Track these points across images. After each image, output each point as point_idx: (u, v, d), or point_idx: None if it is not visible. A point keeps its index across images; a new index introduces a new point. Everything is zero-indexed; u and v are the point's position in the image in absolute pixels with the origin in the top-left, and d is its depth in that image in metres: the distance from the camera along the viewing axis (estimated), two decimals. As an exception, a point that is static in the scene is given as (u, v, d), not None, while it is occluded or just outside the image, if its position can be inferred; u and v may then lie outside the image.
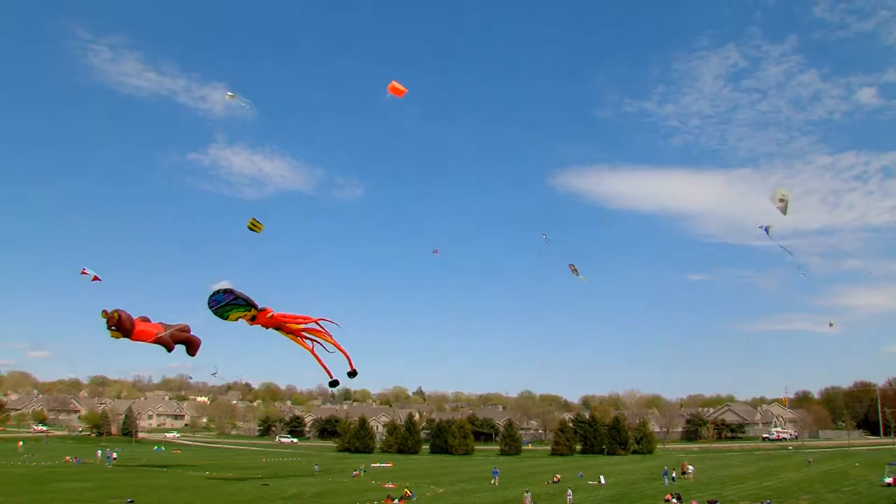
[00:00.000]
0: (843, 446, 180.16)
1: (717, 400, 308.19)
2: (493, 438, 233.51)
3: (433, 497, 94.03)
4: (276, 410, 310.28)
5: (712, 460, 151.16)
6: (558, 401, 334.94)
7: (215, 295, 42.93)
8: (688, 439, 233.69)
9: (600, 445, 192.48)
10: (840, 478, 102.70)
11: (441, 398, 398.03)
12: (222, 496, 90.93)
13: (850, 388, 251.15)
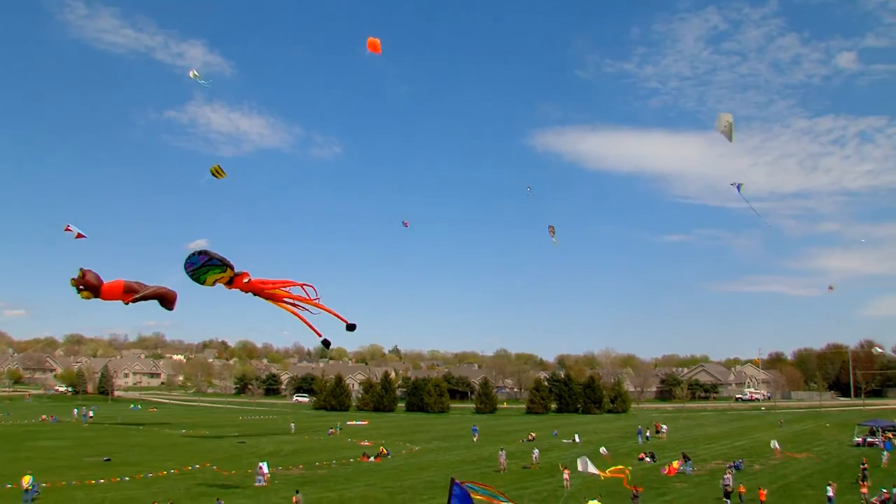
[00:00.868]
0: (814, 407, 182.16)
1: (691, 360, 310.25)
2: (469, 397, 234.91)
3: (409, 455, 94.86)
4: (252, 369, 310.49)
5: (686, 420, 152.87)
6: (534, 360, 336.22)
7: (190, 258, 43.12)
8: (662, 399, 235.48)
9: (575, 404, 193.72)
10: (811, 438, 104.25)
11: (417, 357, 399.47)
12: (199, 454, 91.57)
13: (823, 350, 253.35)
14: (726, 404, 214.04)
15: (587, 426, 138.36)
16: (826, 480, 58.79)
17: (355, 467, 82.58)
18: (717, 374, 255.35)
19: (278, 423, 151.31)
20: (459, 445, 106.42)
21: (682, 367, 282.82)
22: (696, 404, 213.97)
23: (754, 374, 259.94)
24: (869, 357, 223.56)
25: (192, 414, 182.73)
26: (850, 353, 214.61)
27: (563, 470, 67.33)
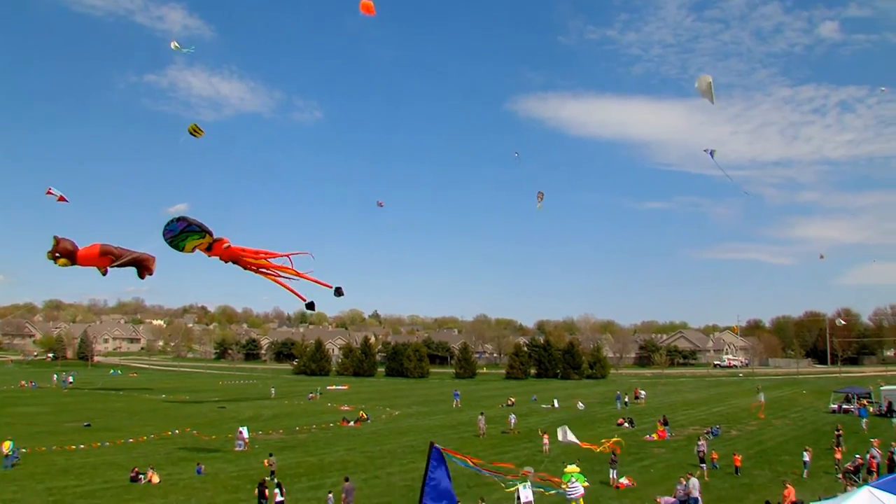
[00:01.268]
0: (791, 374, 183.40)
1: (670, 327, 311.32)
2: (448, 362, 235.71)
3: (388, 419, 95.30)
4: (232, 334, 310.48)
5: (664, 386, 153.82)
6: (513, 325, 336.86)
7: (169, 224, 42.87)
8: (640, 365, 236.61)
9: (554, 370, 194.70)
10: (788, 404, 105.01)
11: (397, 321, 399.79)
12: (179, 419, 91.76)
13: (801, 318, 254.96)
14: (704, 371, 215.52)
15: (566, 391, 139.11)
16: (802, 446, 59.39)
17: (335, 432, 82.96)
18: (695, 341, 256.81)
19: (258, 387, 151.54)
20: (439, 410, 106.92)
21: (661, 334, 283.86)
22: (675, 370, 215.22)
23: (732, 342, 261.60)
24: (846, 325, 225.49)
25: (172, 379, 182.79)
26: (828, 321, 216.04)
27: (543, 435, 67.82)
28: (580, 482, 43.41)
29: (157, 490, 49.34)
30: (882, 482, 33.13)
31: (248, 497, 44.35)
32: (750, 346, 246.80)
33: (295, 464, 60.10)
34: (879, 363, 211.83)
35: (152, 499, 46.23)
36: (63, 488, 49.39)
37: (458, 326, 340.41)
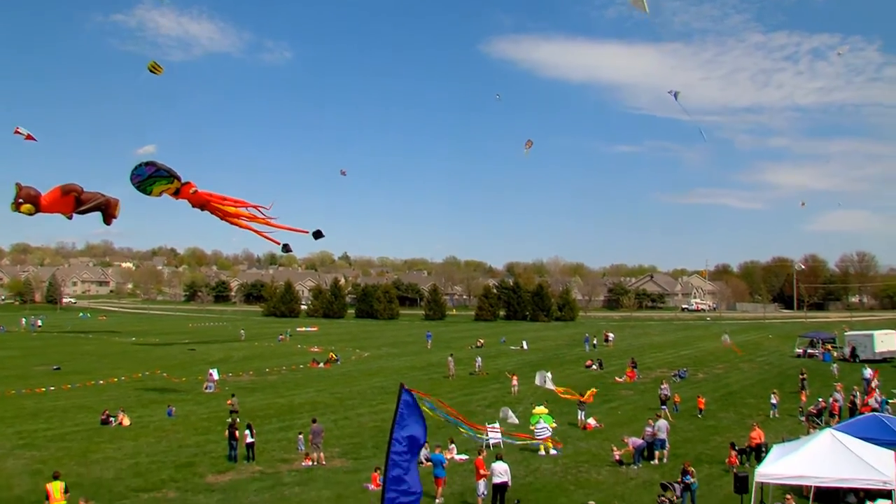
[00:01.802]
0: (758, 319, 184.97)
1: (639, 270, 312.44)
2: (418, 303, 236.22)
3: (358, 361, 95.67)
4: (201, 276, 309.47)
5: (632, 329, 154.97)
6: (483, 267, 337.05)
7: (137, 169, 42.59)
8: (609, 308, 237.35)
9: (524, 312, 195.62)
10: (754, 348, 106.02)
11: (367, 263, 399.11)
12: (148, 361, 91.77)
13: (768, 264, 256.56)
14: (672, 314, 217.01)
15: (535, 333, 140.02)
16: (767, 389, 60.22)
17: (305, 373, 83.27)
18: (664, 285, 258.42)
19: (228, 330, 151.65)
20: (409, 352, 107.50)
21: (630, 277, 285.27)
22: (643, 314, 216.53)
23: (701, 286, 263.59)
24: (812, 270, 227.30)
25: (142, 322, 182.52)
26: (795, 266, 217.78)
27: (511, 377, 68.41)
28: (548, 423, 43.87)
29: (128, 432, 49.46)
30: (843, 425, 33.77)
31: (219, 438, 44.53)
32: (718, 290, 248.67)
33: (265, 405, 60.36)
34: (845, 309, 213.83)
35: (123, 441, 46.36)
36: (33, 431, 49.43)
37: (428, 268, 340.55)
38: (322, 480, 37.37)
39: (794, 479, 27.88)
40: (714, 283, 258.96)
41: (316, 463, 40.40)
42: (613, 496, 33.24)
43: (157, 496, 34.46)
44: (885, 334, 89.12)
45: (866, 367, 68.02)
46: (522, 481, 36.65)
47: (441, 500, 33.64)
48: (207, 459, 41.52)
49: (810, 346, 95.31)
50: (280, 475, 38.46)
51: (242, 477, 38.08)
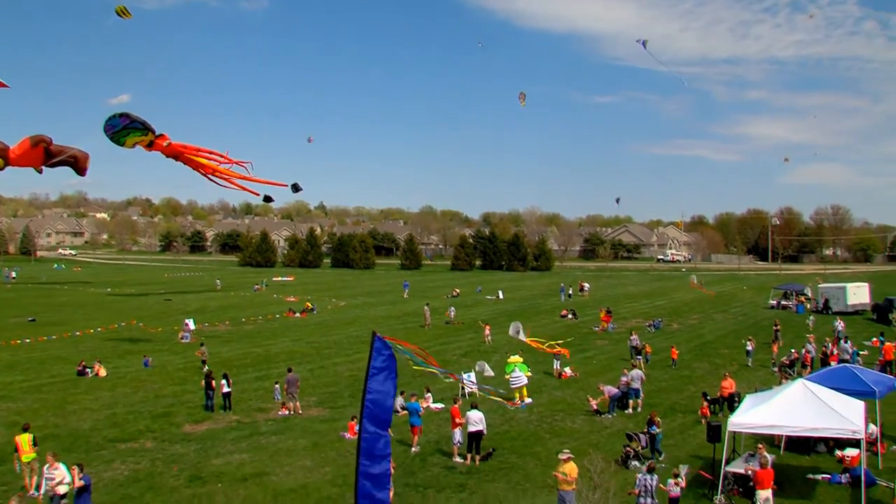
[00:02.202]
0: (733, 270, 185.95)
1: (615, 220, 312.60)
2: (394, 253, 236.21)
3: (334, 310, 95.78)
4: (177, 226, 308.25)
5: (608, 279, 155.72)
6: (459, 216, 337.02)
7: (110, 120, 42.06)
8: (585, 258, 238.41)
9: (499, 261, 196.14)
10: (728, 299, 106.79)
11: (342, 212, 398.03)
12: (124, 311, 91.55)
13: (744, 215, 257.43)
14: (648, 265, 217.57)
15: (511, 283, 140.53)
16: (741, 340, 60.72)
17: (281, 323, 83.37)
18: (639, 235, 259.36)
19: (204, 279, 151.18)
20: (385, 301, 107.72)
21: (606, 227, 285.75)
22: (619, 264, 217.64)
23: (676, 237, 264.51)
24: (787, 223, 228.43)
25: (117, 272, 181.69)
26: (770, 218, 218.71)
27: (484, 326, 68.76)
28: (523, 372, 44.14)
29: (105, 383, 49.46)
30: (815, 375, 34.14)
31: (196, 388, 44.61)
32: (693, 241, 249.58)
33: (241, 355, 60.43)
34: (818, 262, 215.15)
35: (99, 392, 46.37)
36: (9, 384, 49.30)
37: (404, 218, 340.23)
38: (299, 429, 37.55)
39: (766, 429, 28.23)
40: (689, 235, 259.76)
41: (292, 412, 40.57)
42: (588, 445, 33.56)
43: (134, 446, 34.55)
44: (858, 287, 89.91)
45: (838, 320, 68.69)
46: (498, 430, 36.95)
47: (417, 448, 33.88)
48: (184, 409, 41.61)
49: (784, 297, 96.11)
50: (257, 424, 38.62)
51: (219, 426, 38.21)
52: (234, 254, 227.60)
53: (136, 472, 30.56)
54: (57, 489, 24.38)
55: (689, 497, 27.67)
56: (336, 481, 29.36)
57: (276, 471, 30.86)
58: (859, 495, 26.26)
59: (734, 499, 27.38)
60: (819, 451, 32.94)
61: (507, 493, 28.60)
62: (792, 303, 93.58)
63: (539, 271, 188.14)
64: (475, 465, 31.76)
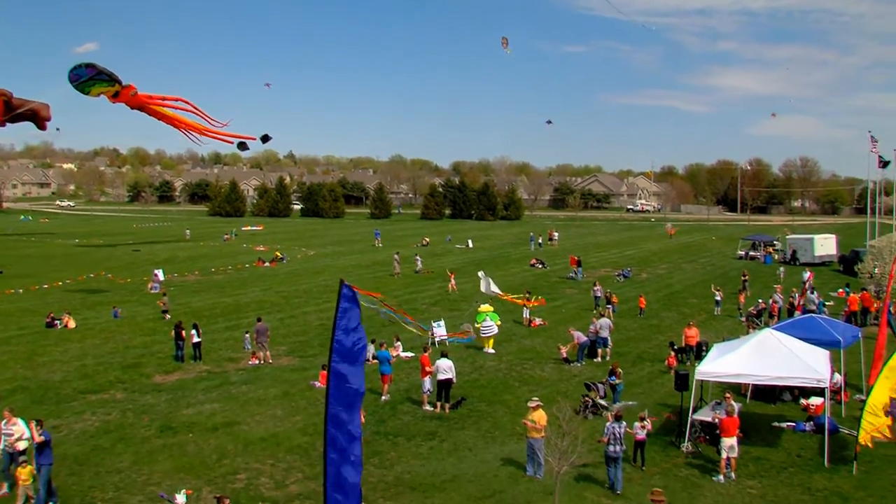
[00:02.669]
0: (702, 221, 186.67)
1: (584, 170, 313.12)
2: (364, 202, 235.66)
3: (304, 259, 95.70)
4: (145, 176, 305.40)
5: (578, 228, 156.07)
6: (429, 165, 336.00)
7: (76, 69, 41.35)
8: (555, 207, 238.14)
9: (469, 211, 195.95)
10: (697, 249, 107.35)
11: (312, 162, 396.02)
12: (93, 263, 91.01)
13: (713, 166, 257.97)
14: (617, 214, 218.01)
15: (481, 232, 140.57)
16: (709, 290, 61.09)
17: (251, 272, 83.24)
18: (609, 185, 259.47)
19: (173, 230, 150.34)
20: (354, 250, 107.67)
21: (576, 177, 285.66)
22: (588, 214, 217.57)
23: (646, 187, 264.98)
24: (756, 174, 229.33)
25: (85, 223, 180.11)
26: (739, 169, 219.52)
27: (450, 275, 68.97)
28: (494, 321, 44.37)
29: (74, 335, 49.28)
30: (781, 325, 34.48)
31: (165, 339, 44.50)
32: (663, 191, 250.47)
33: (211, 305, 60.38)
34: (787, 213, 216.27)
35: (69, 343, 46.22)
36: (-23, 335, 49.09)
37: (374, 167, 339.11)
38: (269, 379, 37.65)
39: (733, 377, 28.51)
40: (659, 185, 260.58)
41: (262, 361, 40.65)
42: (557, 392, 33.84)
43: (104, 397, 34.53)
44: (825, 238, 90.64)
45: (805, 270, 69.28)
46: (467, 378, 37.19)
47: (387, 396, 34.07)
48: (154, 360, 41.59)
49: (752, 248, 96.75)
50: (227, 374, 38.68)
51: (189, 377, 38.26)
52: (203, 204, 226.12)
53: (106, 423, 30.58)
54: (16, 445, 24.12)
55: (656, 444, 28.02)
56: (307, 430, 29.51)
57: (246, 420, 30.97)
58: (823, 442, 26.67)
59: (701, 446, 27.75)
60: (784, 400, 33.38)
61: (476, 441, 28.86)
62: (760, 253, 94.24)
63: (509, 220, 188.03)
64: (445, 413, 32.00)
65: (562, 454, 20.68)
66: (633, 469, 25.75)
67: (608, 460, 23.94)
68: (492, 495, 23.73)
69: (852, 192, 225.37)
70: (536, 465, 25.12)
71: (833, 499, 23.35)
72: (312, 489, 23.57)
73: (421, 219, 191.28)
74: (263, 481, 24.84)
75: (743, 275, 67.71)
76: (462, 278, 68.81)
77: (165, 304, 55.66)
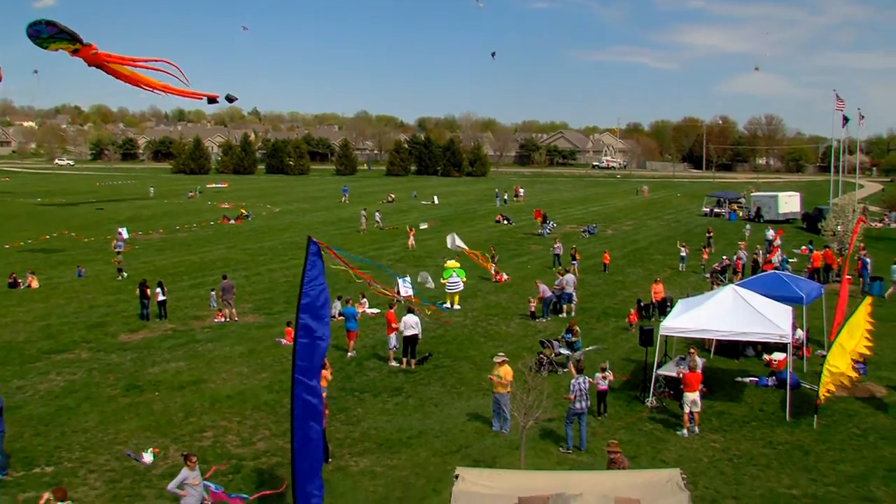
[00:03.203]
0: (667, 177, 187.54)
1: (550, 127, 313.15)
2: (329, 158, 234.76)
3: (269, 216, 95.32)
4: (108, 133, 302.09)
5: (543, 185, 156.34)
6: (394, 122, 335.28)
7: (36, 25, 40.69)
8: (520, 164, 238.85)
9: (435, 167, 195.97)
10: (662, 206, 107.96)
11: (276, 118, 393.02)
12: (55, 222, 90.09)
13: (679, 123, 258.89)
14: (583, 171, 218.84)
15: (446, 188, 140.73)
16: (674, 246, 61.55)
17: (216, 230, 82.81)
18: (575, 142, 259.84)
19: (136, 187, 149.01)
20: (320, 207, 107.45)
21: (542, 134, 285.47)
22: (554, 170, 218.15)
23: (612, 143, 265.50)
24: (722, 132, 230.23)
25: (47, 182, 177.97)
26: (705, 127, 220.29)
27: (409, 232, 69.07)
28: (460, 277, 44.47)
29: (37, 294, 48.88)
30: (745, 282, 34.78)
31: (130, 297, 44.27)
32: (628, 148, 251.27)
33: (176, 263, 60.07)
34: (751, 171, 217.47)
35: (32, 303, 45.86)
36: (-62, 296, 48.60)
37: (339, 123, 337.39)
38: (235, 336, 37.62)
39: (697, 333, 28.76)
40: (625, 141, 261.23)
41: (228, 319, 40.58)
42: (522, 348, 34.00)
43: (69, 357, 34.36)
44: (789, 196, 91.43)
45: (769, 228, 69.80)
46: (433, 334, 37.33)
47: (353, 353, 34.15)
48: (119, 319, 41.40)
49: (717, 205, 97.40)
50: (193, 332, 38.59)
51: (155, 335, 38.13)
52: (167, 161, 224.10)
53: (72, 383, 30.46)
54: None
55: (621, 399, 28.30)
56: (273, 387, 29.56)
57: (212, 378, 30.96)
58: (785, 397, 27.03)
59: (665, 401, 28.02)
60: (748, 355, 33.74)
61: (442, 396, 29.02)
62: (725, 210, 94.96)
63: (474, 177, 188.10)
64: (411, 369, 32.13)
65: (527, 409, 20.80)
66: (597, 423, 26.02)
67: (573, 417, 24.06)
68: (458, 450, 23.89)
69: (816, 150, 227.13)
70: (502, 420, 25.30)
71: (794, 452, 23.70)
72: (279, 446, 23.64)
73: (386, 175, 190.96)
74: (230, 439, 24.88)
75: (707, 231, 68.29)
76: (428, 235, 68.87)
77: (120, 263, 55.42)
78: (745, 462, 23.00)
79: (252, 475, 22.13)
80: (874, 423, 26.05)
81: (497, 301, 45.44)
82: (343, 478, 21.86)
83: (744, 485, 21.33)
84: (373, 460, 23.16)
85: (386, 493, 20.89)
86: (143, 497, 20.66)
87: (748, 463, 22.93)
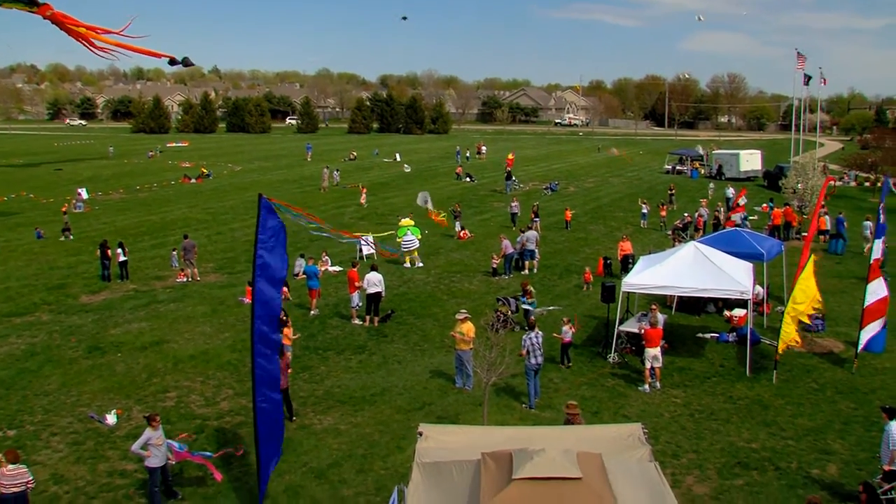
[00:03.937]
0: (630, 135, 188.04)
1: (513, 84, 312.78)
2: (291, 116, 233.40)
3: (230, 175, 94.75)
4: (65, 93, 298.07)
5: (506, 142, 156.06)
6: (356, 79, 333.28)
7: (-12, -16, 40.06)
8: (483, 121, 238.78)
9: (397, 124, 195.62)
10: (624, 164, 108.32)
11: (237, 76, 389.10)
12: (13, 183, 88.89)
13: (641, 81, 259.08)
14: (546, 128, 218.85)
15: (408, 146, 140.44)
16: (636, 203, 61.92)
17: (176, 189, 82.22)
18: (538, 99, 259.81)
19: (95, 147, 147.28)
20: (282, 165, 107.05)
21: (504, 91, 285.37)
22: (516, 127, 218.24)
23: (574, 101, 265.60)
24: (684, 90, 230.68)
25: (3, 143, 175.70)
26: (667, 84, 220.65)
27: (362, 190, 69.10)
28: (416, 235, 44.44)
29: (-4, 255, 48.48)
30: (707, 238, 35.05)
31: (91, 259, 43.97)
32: (591, 105, 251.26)
33: (137, 223, 59.66)
34: (713, 129, 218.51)
35: (-9, 265, 45.47)
36: None
37: (301, 81, 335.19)
38: (197, 296, 37.50)
39: (659, 289, 29.00)
40: (587, 99, 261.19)
41: (190, 279, 40.42)
42: (485, 305, 34.15)
43: (29, 320, 34.09)
44: (750, 154, 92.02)
45: (729, 186, 70.30)
46: (396, 291, 37.40)
47: (316, 311, 34.16)
48: (80, 280, 41.10)
49: (679, 162, 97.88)
50: (155, 292, 38.41)
51: (117, 296, 37.91)
52: (127, 120, 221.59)
53: (32, 346, 30.26)
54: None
55: (583, 355, 28.53)
56: (236, 346, 29.54)
57: (175, 338, 30.89)
58: (745, 353, 27.35)
59: (627, 357, 28.26)
60: (709, 312, 34.07)
61: (405, 354, 29.13)
62: (687, 168, 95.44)
63: (436, 134, 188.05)
64: (374, 327, 32.20)
65: (490, 366, 20.91)
66: (560, 379, 26.25)
67: (530, 372, 24.22)
68: (421, 407, 24.03)
69: (778, 108, 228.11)
70: (465, 377, 25.44)
71: (754, 406, 24.03)
72: (243, 405, 23.67)
73: (348, 133, 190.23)
74: (194, 399, 24.88)
75: (670, 189, 68.71)
76: (390, 192, 68.83)
77: (67, 224, 54.93)
78: (706, 417, 23.32)
79: (216, 434, 22.18)
80: (831, 378, 26.48)
81: (460, 258, 45.55)
82: (307, 436, 21.96)
83: (704, 439, 21.63)
84: (336, 418, 23.26)
85: (350, 450, 21.00)
86: (107, 458, 20.65)
87: (708, 417, 23.25)
